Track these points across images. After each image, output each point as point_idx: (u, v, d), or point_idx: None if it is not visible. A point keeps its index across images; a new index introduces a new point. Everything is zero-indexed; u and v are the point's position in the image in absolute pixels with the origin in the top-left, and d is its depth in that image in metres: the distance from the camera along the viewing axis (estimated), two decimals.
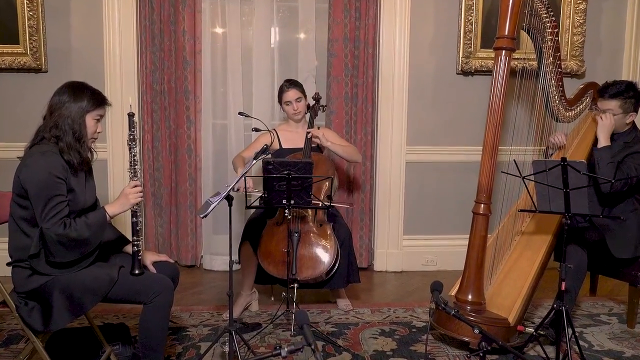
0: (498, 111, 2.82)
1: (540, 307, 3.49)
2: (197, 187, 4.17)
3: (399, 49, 4.09)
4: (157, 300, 2.29)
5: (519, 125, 3.47)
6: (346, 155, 3.42)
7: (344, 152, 3.40)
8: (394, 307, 3.51)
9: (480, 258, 2.87)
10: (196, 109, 4.10)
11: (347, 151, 3.42)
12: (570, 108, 3.32)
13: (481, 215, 2.87)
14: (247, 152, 3.43)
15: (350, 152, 3.44)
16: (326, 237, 3.18)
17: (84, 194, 2.31)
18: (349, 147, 3.50)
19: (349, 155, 3.44)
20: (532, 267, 2.96)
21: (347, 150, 3.43)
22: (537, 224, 3.15)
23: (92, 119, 2.29)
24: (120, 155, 4.03)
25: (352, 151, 3.47)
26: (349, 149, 3.45)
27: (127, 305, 2.65)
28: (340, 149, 3.38)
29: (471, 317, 2.74)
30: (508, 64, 2.80)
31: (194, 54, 4.04)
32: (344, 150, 3.40)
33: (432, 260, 4.33)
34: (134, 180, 2.34)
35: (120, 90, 3.97)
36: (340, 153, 3.39)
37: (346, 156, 3.42)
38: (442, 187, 4.29)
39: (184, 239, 4.20)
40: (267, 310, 3.42)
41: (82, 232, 2.18)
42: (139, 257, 2.36)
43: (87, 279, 2.24)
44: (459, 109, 4.21)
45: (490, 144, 2.84)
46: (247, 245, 3.28)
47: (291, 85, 3.41)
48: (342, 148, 3.40)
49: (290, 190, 2.85)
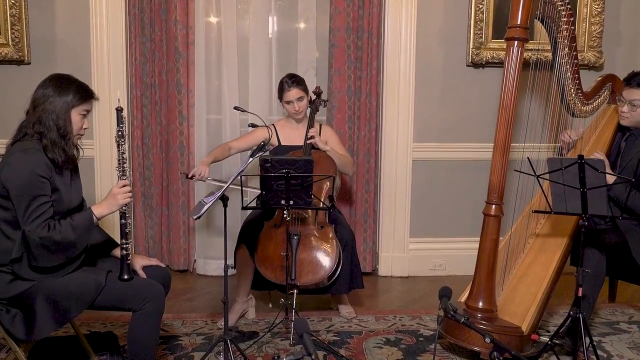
0: (510, 106, 2.81)
1: (555, 315, 3.48)
2: (190, 187, 4.17)
3: (405, 40, 4.09)
4: (148, 307, 2.29)
5: (533, 121, 3.47)
6: (340, 165, 3.42)
7: (340, 160, 3.41)
8: (399, 315, 3.51)
9: (491, 262, 2.86)
10: (189, 103, 4.10)
11: (342, 161, 3.44)
12: (587, 102, 3.31)
13: (492, 216, 2.86)
14: (237, 142, 3.45)
15: (345, 163, 3.47)
16: (327, 240, 3.17)
17: (70, 194, 2.31)
18: (345, 157, 3.51)
19: (343, 166, 3.45)
20: (547, 271, 2.95)
21: (343, 160, 3.46)
22: (553, 225, 3.14)
23: (78, 114, 2.30)
24: (108, 152, 4.03)
25: (347, 162, 3.50)
26: (345, 159, 3.48)
27: (116, 312, 2.66)
28: (337, 157, 3.40)
29: (482, 325, 2.73)
30: (521, 55, 2.79)
31: (187, 45, 4.03)
32: (340, 159, 3.42)
33: (440, 265, 4.33)
34: (123, 179, 2.34)
35: (108, 83, 3.97)
36: (336, 161, 3.39)
37: (339, 166, 3.42)
38: (451, 187, 4.28)
39: (176, 241, 4.20)
40: (264, 317, 3.41)
41: (67, 234, 2.18)
42: (128, 262, 2.36)
43: (73, 285, 2.24)
44: (469, 103, 4.21)
45: (502, 140, 2.84)
46: (244, 249, 3.28)
47: (293, 83, 3.39)
48: (339, 156, 3.42)
49: (289, 190, 2.85)
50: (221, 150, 3.39)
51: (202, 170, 3.20)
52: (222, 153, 3.39)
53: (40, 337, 2.23)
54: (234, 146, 3.44)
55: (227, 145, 3.41)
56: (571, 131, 3.29)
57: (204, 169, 3.20)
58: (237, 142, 3.48)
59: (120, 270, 2.34)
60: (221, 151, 3.38)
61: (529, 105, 3.56)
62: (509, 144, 2.85)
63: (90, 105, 2.34)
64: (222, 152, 3.39)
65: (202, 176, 3.18)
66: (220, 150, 3.39)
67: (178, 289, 3.88)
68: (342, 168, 3.46)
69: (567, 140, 3.30)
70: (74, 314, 2.26)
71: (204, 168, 3.20)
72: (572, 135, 3.29)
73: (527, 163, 2.63)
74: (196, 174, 3.18)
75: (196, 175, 3.18)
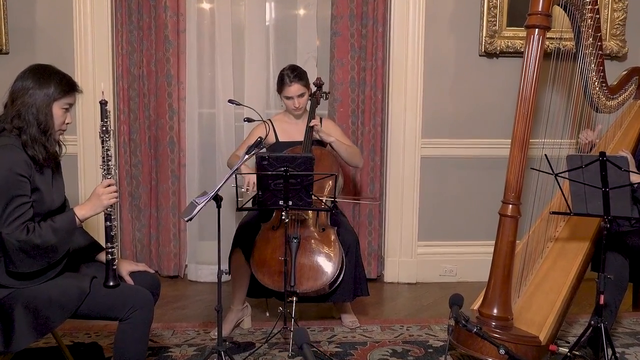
0: (529, 99, 2.81)
1: (575, 324, 3.48)
2: (181, 186, 4.17)
3: (413, 27, 4.08)
4: (135, 316, 2.29)
5: (553, 115, 3.46)
6: (347, 157, 3.43)
7: (346, 152, 3.42)
8: (407, 324, 3.51)
9: (507, 267, 2.86)
10: (180, 96, 4.09)
11: (349, 152, 3.44)
12: (612, 96, 3.31)
13: (509, 217, 2.86)
14: (242, 149, 3.42)
15: (353, 154, 3.47)
16: (329, 244, 3.17)
17: (51, 194, 2.31)
18: (352, 147, 3.52)
19: (350, 157, 3.45)
20: (567, 277, 2.95)
21: (350, 151, 3.45)
22: (573, 228, 3.14)
23: (60, 108, 2.29)
24: (92, 149, 4.03)
25: (355, 153, 3.50)
26: (352, 150, 3.48)
27: (101, 321, 2.65)
28: (343, 148, 3.39)
29: (496, 334, 2.73)
30: (542, 44, 2.79)
31: (178, 33, 4.03)
32: (347, 151, 3.42)
33: (451, 270, 4.33)
34: (108, 178, 2.34)
35: (92, 74, 3.97)
36: (342, 153, 3.40)
37: (347, 157, 3.44)
38: (463, 186, 4.28)
39: (166, 245, 4.20)
40: (261, 327, 3.41)
41: (47, 237, 2.18)
42: (114, 267, 2.36)
43: (54, 292, 2.23)
44: (482, 96, 4.20)
45: (520, 136, 2.83)
46: (239, 253, 3.28)
47: (295, 78, 3.37)
48: (345, 147, 3.41)
49: (288, 190, 2.85)
50: (236, 160, 3.30)
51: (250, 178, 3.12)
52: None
53: (19, 349, 2.22)
54: (240, 154, 3.39)
55: (236, 156, 3.37)
56: (590, 131, 3.28)
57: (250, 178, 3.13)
58: (242, 149, 3.42)
59: (106, 276, 2.34)
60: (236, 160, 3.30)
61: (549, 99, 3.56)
62: (528, 139, 2.84)
63: (73, 98, 2.34)
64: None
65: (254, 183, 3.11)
66: (236, 160, 3.30)
67: (168, 297, 3.88)
68: (351, 160, 3.46)
69: (585, 141, 3.29)
70: (56, 324, 2.25)
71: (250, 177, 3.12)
72: (589, 135, 3.28)
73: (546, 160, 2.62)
74: (250, 185, 3.12)
75: (250, 186, 3.11)
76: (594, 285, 2.60)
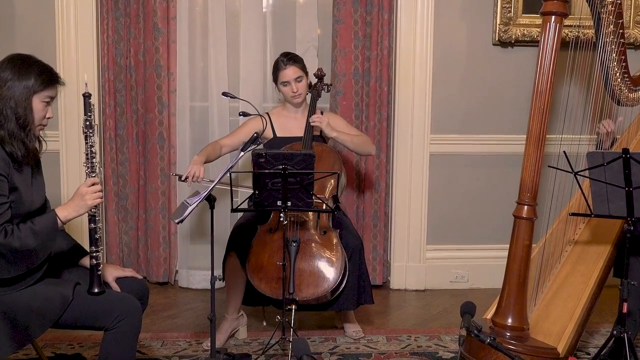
0: (546, 91, 2.80)
1: (596, 334, 3.48)
2: (171, 186, 4.17)
3: (422, 14, 4.08)
4: (122, 325, 2.29)
5: (572, 109, 3.45)
6: (356, 148, 3.44)
7: (354, 143, 3.41)
8: (415, 334, 3.51)
9: (523, 272, 2.86)
10: (170, 88, 4.09)
11: (357, 142, 3.43)
12: (635, 88, 3.30)
13: (525, 219, 2.86)
14: (228, 138, 3.44)
15: (362, 143, 3.46)
16: (331, 248, 3.17)
17: (30, 194, 2.31)
18: (360, 136, 3.50)
19: (360, 147, 3.45)
20: (587, 284, 2.95)
21: (358, 141, 3.44)
22: (593, 231, 3.14)
23: (41, 101, 2.29)
24: (75, 145, 4.02)
25: (364, 142, 3.49)
26: (359, 140, 3.46)
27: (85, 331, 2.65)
28: (349, 140, 3.38)
29: (511, 345, 2.73)
30: (559, 32, 2.78)
31: (167, 20, 4.03)
32: (354, 141, 3.41)
33: (462, 276, 4.33)
34: (92, 176, 2.34)
35: (75, 65, 3.97)
36: (349, 145, 3.40)
37: (356, 148, 3.44)
38: (475, 185, 4.28)
39: (155, 249, 4.20)
40: (257, 337, 3.42)
41: (27, 241, 2.17)
42: (99, 272, 2.36)
43: (35, 300, 2.23)
44: (496, 88, 4.20)
45: (536, 131, 2.83)
46: (234, 258, 3.28)
47: (289, 61, 3.39)
48: (351, 138, 3.40)
49: (286, 189, 2.84)
50: (212, 149, 3.31)
51: (196, 169, 3.08)
52: (213, 152, 3.31)
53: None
54: (225, 144, 3.40)
55: (217, 144, 3.37)
56: (610, 121, 3.27)
57: (197, 168, 3.09)
58: (228, 139, 3.44)
59: (90, 282, 2.34)
60: (212, 150, 3.31)
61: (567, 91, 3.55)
62: (544, 136, 2.84)
63: (54, 90, 2.34)
64: (214, 151, 3.31)
65: (197, 177, 3.10)
66: (212, 149, 3.31)
67: (157, 305, 3.88)
68: (361, 149, 3.47)
69: (604, 131, 3.28)
70: (36, 334, 2.25)
71: (197, 167, 3.09)
72: (609, 125, 3.27)
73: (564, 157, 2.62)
74: (189, 175, 3.09)
75: (189, 176, 3.09)
76: (617, 292, 2.60)
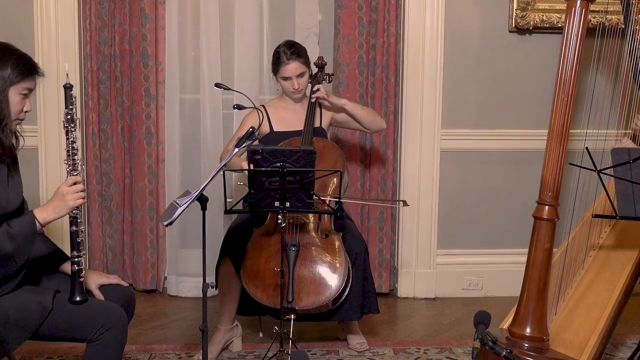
0: (570, 82, 2.79)
1: (622, 346, 3.49)
2: (159, 185, 4.18)
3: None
4: (106, 336, 2.29)
5: (597, 102, 3.45)
6: (367, 119, 3.49)
7: (365, 112, 3.49)
8: (424, 346, 3.51)
9: (543, 278, 2.85)
10: (158, 79, 4.10)
11: (367, 114, 3.51)
12: None
13: (545, 220, 2.85)
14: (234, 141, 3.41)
15: (372, 115, 3.54)
16: (333, 253, 3.17)
17: (6, 194, 2.31)
18: (370, 109, 3.59)
19: (371, 120, 3.52)
20: (612, 292, 2.95)
21: (367, 113, 3.52)
22: (619, 234, 3.14)
23: (18, 93, 2.30)
24: (55, 141, 4.03)
25: (374, 113, 3.58)
26: (369, 111, 3.56)
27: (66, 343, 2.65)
28: (360, 109, 3.47)
29: (529, 358, 2.73)
30: (585, 18, 2.77)
31: (155, 5, 4.03)
32: (363, 112, 3.48)
33: (476, 284, 4.33)
34: (74, 175, 2.34)
35: (55, 54, 3.97)
36: (360, 116, 3.46)
37: (367, 121, 3.50)
38: (490, 184, 4.28)
39: (142, 254, 4.21)
40: (253, 350, 3.42)
41: (3, 245, 2.17)
42: (81, 279, 2.35)
43: (11, 309, 2.23)
44: (513, 79, 4.20)
45: (559, 126, 2.82)
46: (228, 263, 3.28)
47: (292, 55, 3.38)
48: (361, 109, 3.49)
49: (284, 189, 2.84)
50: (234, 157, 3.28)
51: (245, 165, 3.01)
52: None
53: None
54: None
55: (228, 151, 3.36)
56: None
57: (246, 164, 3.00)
58: (233, 142, 3.42)
59: (71, 290, 2.33)
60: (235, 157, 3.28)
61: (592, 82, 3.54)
62: (568, 130, 2.83)
63: (33, 82, 2.34)
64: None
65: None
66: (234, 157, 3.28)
67: (144, 314, 3.89)
68: (372, 123, 3.52)
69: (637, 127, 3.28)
70: (13, 346, 2.25)
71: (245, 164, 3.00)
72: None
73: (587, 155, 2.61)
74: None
75: None
76: None
